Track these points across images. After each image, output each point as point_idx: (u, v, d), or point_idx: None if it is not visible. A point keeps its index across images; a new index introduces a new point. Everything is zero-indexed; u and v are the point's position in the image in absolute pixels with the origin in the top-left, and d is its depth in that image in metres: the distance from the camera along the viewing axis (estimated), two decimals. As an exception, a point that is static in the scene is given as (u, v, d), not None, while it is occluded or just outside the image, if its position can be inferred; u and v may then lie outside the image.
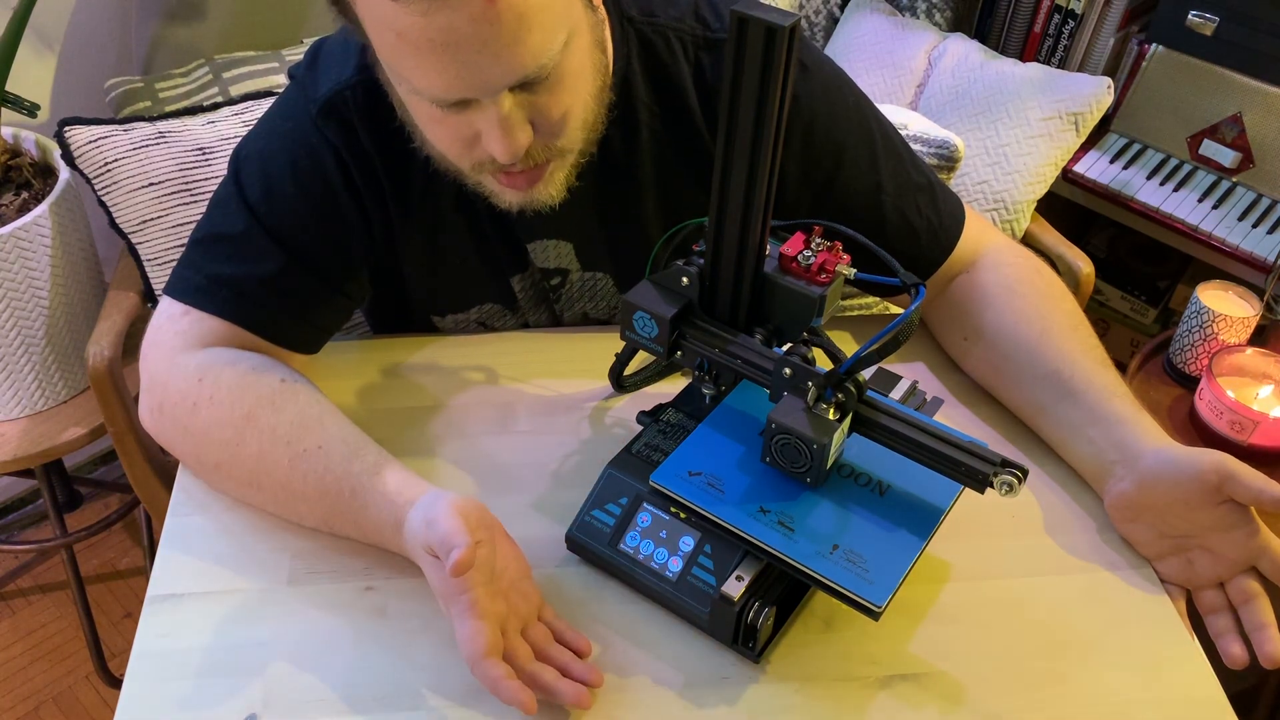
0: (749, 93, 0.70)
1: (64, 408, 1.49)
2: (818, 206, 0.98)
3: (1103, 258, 1.99)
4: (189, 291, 0.91)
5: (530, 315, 1.07)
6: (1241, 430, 1.28)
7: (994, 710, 0.76)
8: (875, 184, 0.98)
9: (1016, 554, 0.87)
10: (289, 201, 0.91)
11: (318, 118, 0.91)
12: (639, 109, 0.94)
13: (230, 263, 0.91)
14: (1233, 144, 1.69)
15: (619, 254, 1.02)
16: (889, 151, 0.99)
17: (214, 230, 0.93)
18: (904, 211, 0.99)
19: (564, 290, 1.05)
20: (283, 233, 0.91)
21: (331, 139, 0.91)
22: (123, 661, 1.70)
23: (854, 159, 0.97)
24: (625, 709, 0.75)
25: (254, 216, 0.91)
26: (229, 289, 0.91)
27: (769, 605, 0.75)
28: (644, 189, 0.97)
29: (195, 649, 0.77)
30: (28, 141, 1.49)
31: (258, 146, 0.93)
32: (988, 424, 0.97)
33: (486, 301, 1.05)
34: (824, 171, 0.97)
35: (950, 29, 1.88)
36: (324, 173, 0.91)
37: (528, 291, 1.04)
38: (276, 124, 0.94)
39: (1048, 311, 0.96)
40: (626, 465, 0.83)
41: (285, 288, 0.92)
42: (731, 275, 0.78)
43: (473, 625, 0.73)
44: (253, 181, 0.91)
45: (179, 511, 0.87)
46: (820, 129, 0.95)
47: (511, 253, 1.00)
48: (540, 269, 1.02)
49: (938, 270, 1.01)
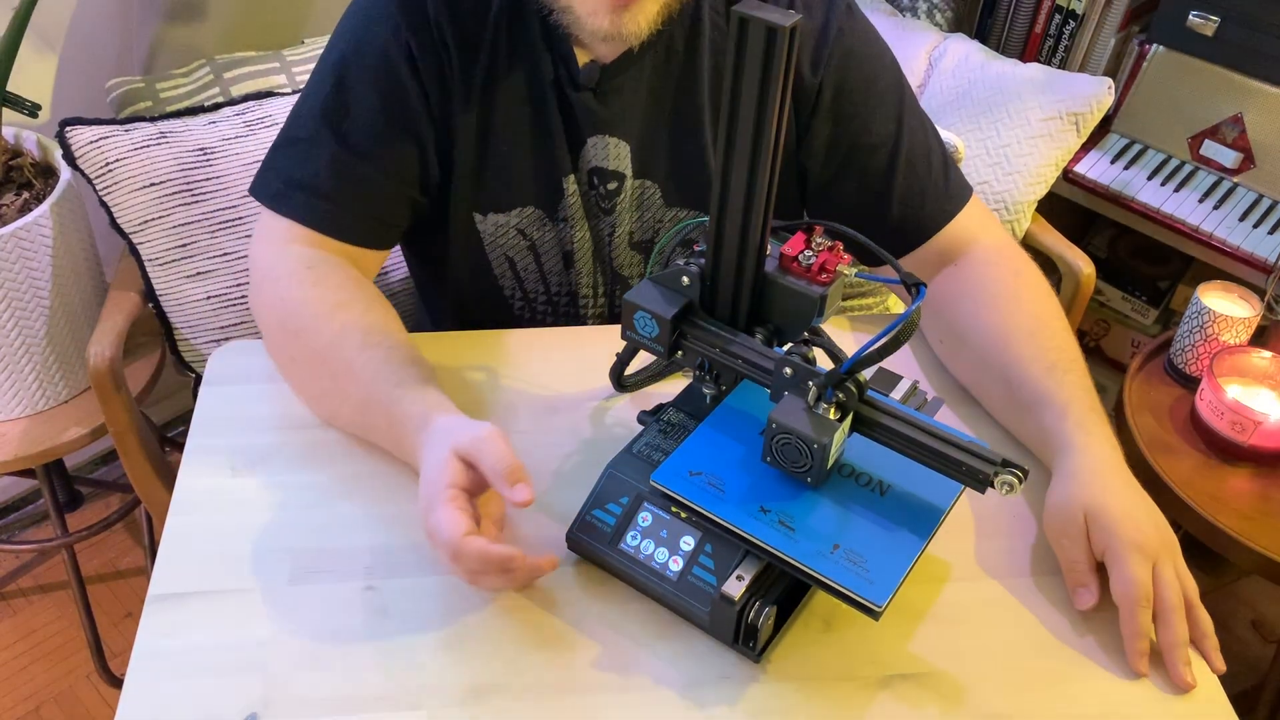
0: (749, 93, 0.70)
1: (65, 408, 1.49)
2: (836, 139, 1.01)
3: (1103, 258, 1.99)
4: (269, 195, 1.00)
5: (575, 229, 1.07)
6: (1242, 431, 1.28)
7: (994, 710, 0.76)
8: (896, 129, 1.01)
9: (1016, 554, 0.87)
10: (354, 94, 0.96)
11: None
12: (704, 11, 0.98)
13: (301, 164, 0.98)
14: (1233, 144, 1.69)
15: (675, 161, 1.03)
16: (914, 110, 1.03)
17: (291, 133, 1.00)
18: (915, 166, 1.01)
19: (617, 200, 1.05)
20: (351, 126, 0.96)
21: (398, 13, 0.95)
22: (123, 661, 1.70)
23: (881, 100, 1.01)
24: (625, 709, 0.75)
25: (324, 113, 0.97)
26: (304, 191, 0.98)
27: (769, 605, 0.75)
28: (701, 92, 1.00)
29: (196, 649, 0.77)
30: (29, 141, 1.49)
31: (333, 48, 0.99)
32: (988, 424, 0.97)
33: (530, 205, 1.05)
34: (853, 103, 1.01)
35: (951, 29, 1.88)
36: (388, 55, 0.96)
37: (576, 198, 1.04)
38: (349, 21, 0.99)
39: (1011, 314, 0.96)
40: (627, 465, 0.83)
41: (353, 180, 0.97)
42: (732, 275, 0.78)
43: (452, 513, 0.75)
44: (325, 81, 0.98)
45: (179, 511, 0.87)
46: (858, 62, 1.00)
47: (570, 147, 1.02)
48: (595, 169, 1.03)
49: (932, 239, 1.03)
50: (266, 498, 0.88)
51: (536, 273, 1.10)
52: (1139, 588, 0.79)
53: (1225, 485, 1.29)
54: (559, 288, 1.12)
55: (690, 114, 1.01)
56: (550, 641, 0.79)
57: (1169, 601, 0.79)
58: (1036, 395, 0.90)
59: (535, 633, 0.79)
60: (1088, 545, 0.82)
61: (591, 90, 0.99)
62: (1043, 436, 0.90)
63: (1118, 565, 0.80)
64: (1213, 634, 0.80)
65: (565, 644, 0.78)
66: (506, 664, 0.77)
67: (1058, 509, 0.84)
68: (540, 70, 0.98)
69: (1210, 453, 1.33)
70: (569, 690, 0.76)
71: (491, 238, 1.07)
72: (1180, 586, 0.81)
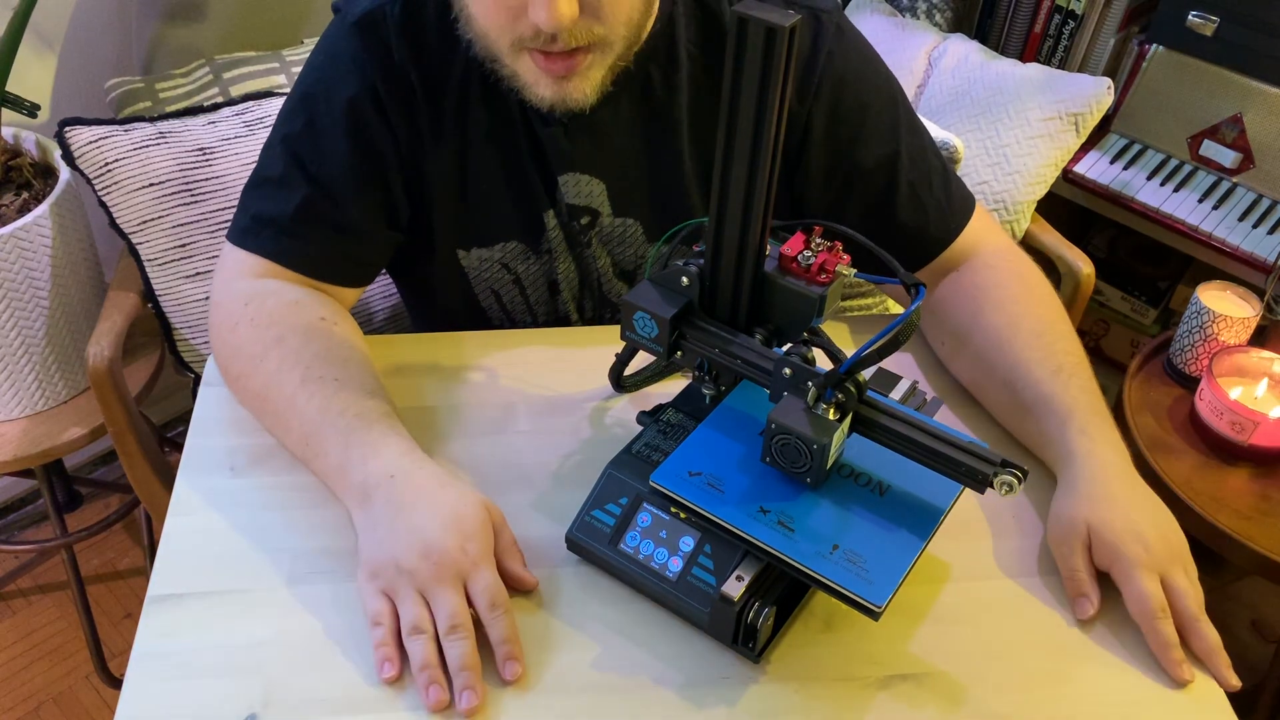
0: (749, 93, 0.70)
1: (64, 408, 1.49)
2: (834, 166, 0.99)
3: (1103, 258, 1.99)
4: (236, 233, 0.98)
5: (559, 262, 1.06)
6: (1241, 431, 1.28)
7: (994, 710, 0.76)
8: (894, 151, 0.99)
9: (1016, 554, 0.87)
10: (324, 136, 0.95)
11: (352, 33, 0.94)
12: (681, 48, 0.96)
13: (269, 202, 0.96)
14: (1233, 144, 1.69)
15: (657, 198, 1.02)
16: (911, 127, 1.01)
17: (260, 173, 0.99)
18: (916, 186, 1.00)
19: (594, 233, 1.04)
20: (317, 168, 0.95)
21: (364, 56, 0.94)
22: (123, 661, 1.70)
23: (877, 123, 0.99)
24: (625, 709, 0.75)
25: (292, 154, 0.96)
26: (269, 228, 0.96)
27: (769, 605, 0.75)
28: (680, 131, 0.99)
29: (195, 649, 0.77)
30: (28, 142, 1.49)
31: (304, 88, 0.98)
32: (988, 424, 0.97)
33: (512, 239, 1.04)
34: (848, 129, 0.99)
35: (950, 29, 1.88)
36: (355, 99, 0.95)
37: (557, 231, 1.03)
38: (316, 59, 0.98)
39: (1016, 317, 0.96)
40: (626, 465, 0.83)
41: (319, 221, 0.96)
42: (731, 275, 0.78)
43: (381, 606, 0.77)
44: (295, 119, 0.97)
45: (179, 511, 0.87)
46: (851, 87, 0.98)
47: (544, 182, 1.01)
48: (569, 205, 1.01)
49: (939, 256, 1.02)
50: (266, 498, 0.88)
51: (523, 304, 1.10)
52: (1153, 601, 0.78)
53: (1225, 485, 1.29)
54: (546, 318, 1.11)
55: (669, 152, 1.00)
56: (550, 641, 0.79)
57: (1189, 612, 0.79)
58: (1040, 398, 0.90)
59: (535, 633, 0.79)
60: (1088, 556, 0.82)
61: (562, 126, 0.97)
62: (1045, 442, 0.90)
63: (1127, 583, 0.80)
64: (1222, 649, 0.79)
65: (565, 644, 0.78)
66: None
67: (1061, 521, 0.84)
68: (509, 107, 0.96)
69: (1210, 453, 1.33)
70: (569, 690, 0.76)
71: (476, 272, 1.07)
72: (1196, 593, 0.80)
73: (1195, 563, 0.83)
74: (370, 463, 0.82)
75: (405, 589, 0.76)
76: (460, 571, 0.77)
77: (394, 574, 0.77)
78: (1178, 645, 0.78)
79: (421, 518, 0.79)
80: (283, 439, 0.89)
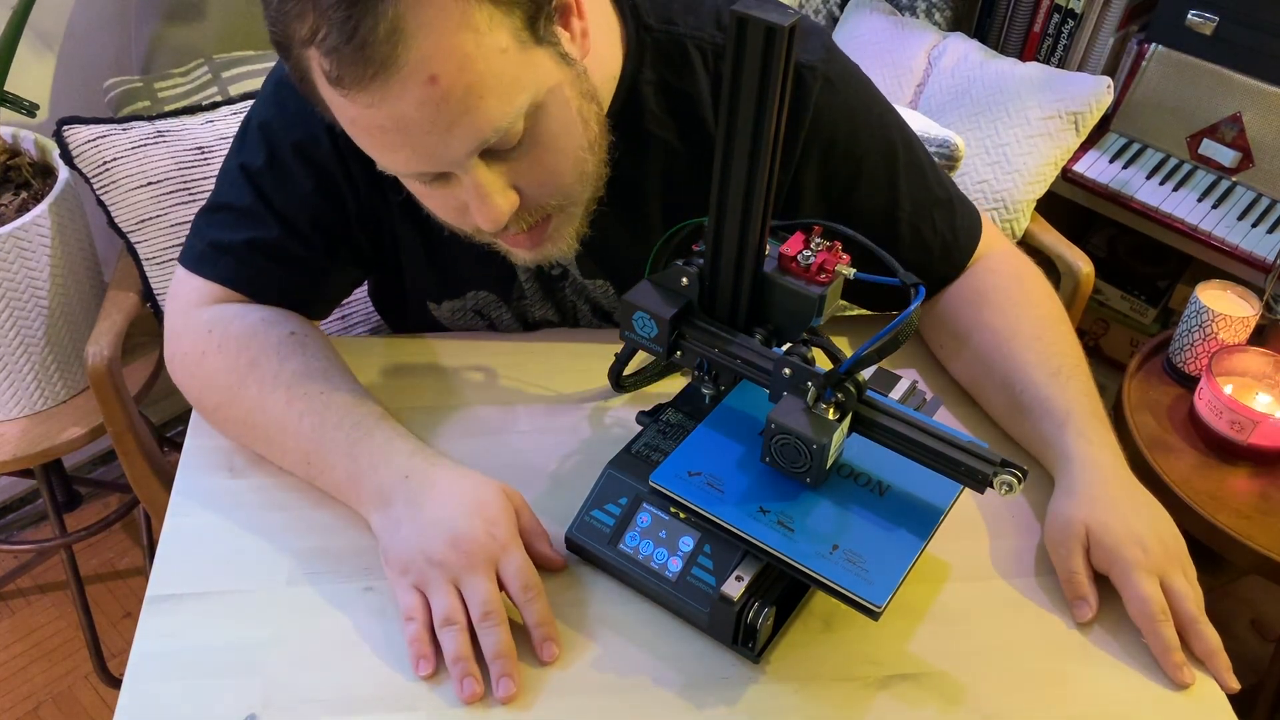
0: (749, 93, 0.70)
1: (63, 408, 1.49)
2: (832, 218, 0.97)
3: (1102, 257, 1.99)
4: (192, 259, 0.95)
5: (534, 308, 1.05)
6: (1241, 430, 1.28)
7: (994, 710, 0.76)
8: (892, 200, 0.97)
9: (1016, 554, 0.87)
10: (288, 174, 0.92)
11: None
12: (648, 121, 0.92)
13: (229, 230, 0.94)
14: (1232, 143, 1.69)
15: (621, 265, 1.00)
16: (910, 167, 0.98)
17: (218, 200, 0.95)
18: (919, 228, 0.99)
19: (565, 284, 1.03)
20: (281, 204, 0.93)
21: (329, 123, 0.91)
22: (122, 661, 1.70)
23: (872, 176, 0.96)
24: (625, 709, 0.75)
25: (254, 186, 0.93)
26: (229, 255, 0.93)
27: (769, 605, 0.75)
28: (650, 202, 0.96)
29: (195, 649, 0.77)
30: (27, 141, 1.49)
31: (263, 116, 0.94)
32: (987, 424, 0.97)
33: (484, 289, 1.03)
34: (840, 186, 0.96)
35: (950, 28, 1.88)
36: (321, 153, 0.92)
37: (533, 281, 1.02)
38: (283, 92, 0.93)
39: (1015, 319, 0.96)
40: (626, 465, 0.83)
41: (282, 256, 0.94)
42: (731, 275, 0.78)
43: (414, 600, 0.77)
44: (256, 151, 0.93)
45: (179, 511, 0.87)
46: (841, 145, 0.95)
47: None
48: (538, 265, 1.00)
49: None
50: (265, 498, 0.88)
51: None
52: (1153, 604, 0.78)
53: (1224, 484, 1.29)
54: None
55: (640, 223, 0.97)
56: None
57: (1189, 614, 0.79)
58: (1038, 400, 0.90)
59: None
60: (1086, 558, 0.82)
61: None
62: (1043, 444, 0.90)
63: (1126, 586, 0.80)
64: (1222, 651, 0.79)
65: (565, 644, 0.78)
66: (506, 664, 0.77)
67: (1059, 524, 0.84)
68: None
69: (1209, 452, 1.33)
70: (569, 690, 0.76)
71: (449, 320, 1.06)
72: (1195, 594, 0.80)
73: (1194, 562, 0.83)
74: (381, 468, 0.82)
75: (437, 580, 0.77)
76: (490, 556, 0.77)
77: (424, 566, 0.77)
78: (1179, 648, 0.78)
79: (445, 509, 0.79)
80: (279, 461, 0.88)
